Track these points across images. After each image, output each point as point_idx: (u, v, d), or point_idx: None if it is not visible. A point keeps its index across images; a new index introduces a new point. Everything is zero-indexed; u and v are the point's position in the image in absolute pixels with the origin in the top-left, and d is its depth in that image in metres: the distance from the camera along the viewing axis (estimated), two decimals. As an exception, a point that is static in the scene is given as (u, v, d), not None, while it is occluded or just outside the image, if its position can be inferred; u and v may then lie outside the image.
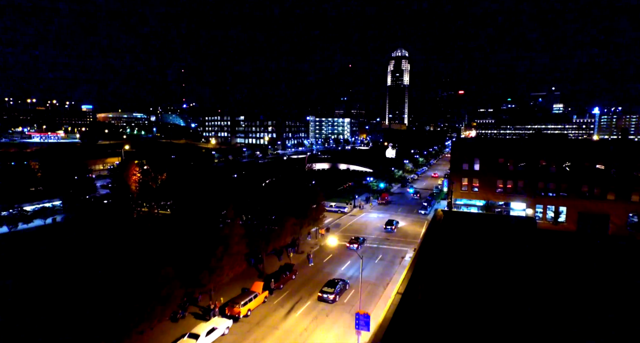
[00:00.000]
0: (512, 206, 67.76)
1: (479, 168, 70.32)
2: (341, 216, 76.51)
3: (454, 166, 73.32)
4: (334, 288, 39.44)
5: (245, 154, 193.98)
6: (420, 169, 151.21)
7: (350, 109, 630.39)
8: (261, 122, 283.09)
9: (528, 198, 66.12)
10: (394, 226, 66.21)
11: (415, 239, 60.87)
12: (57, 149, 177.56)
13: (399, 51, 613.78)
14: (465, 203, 71.51)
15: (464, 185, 71.97)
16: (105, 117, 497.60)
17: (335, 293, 39.01)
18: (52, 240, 56.83)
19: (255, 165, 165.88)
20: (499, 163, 68.50)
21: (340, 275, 46.45)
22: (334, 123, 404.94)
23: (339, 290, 39.92)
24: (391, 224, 66.60)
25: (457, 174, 72.35)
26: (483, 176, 69.89)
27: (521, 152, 67.09)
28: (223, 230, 34.41)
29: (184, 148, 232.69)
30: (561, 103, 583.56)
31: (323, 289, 39.71)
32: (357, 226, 69.12)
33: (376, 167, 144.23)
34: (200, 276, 31.99)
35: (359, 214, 79.05)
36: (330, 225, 68.87)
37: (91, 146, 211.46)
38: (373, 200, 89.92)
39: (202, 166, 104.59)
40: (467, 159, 71.38)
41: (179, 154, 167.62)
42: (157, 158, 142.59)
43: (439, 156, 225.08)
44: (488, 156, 69.60)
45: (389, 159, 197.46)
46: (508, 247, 36.16)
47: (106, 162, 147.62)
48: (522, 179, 66.63)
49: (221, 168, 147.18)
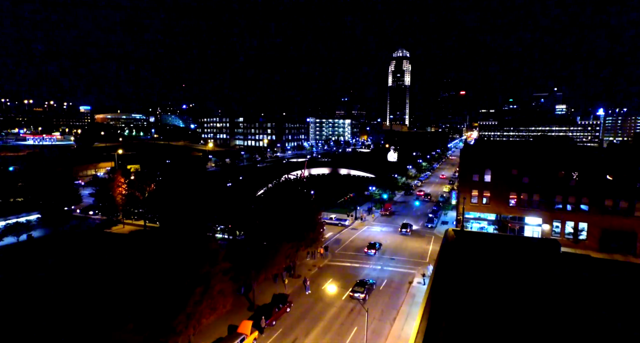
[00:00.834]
0: (526, 221, 62.55)
1: (491, 179, 65.12)
2: (342, 230, 71.35)
3: (463, 176, 68.14)
4: (364, 288, 43.27)
5: (243, 158, 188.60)
6: (423, 174, 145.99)
7: (351, 110, 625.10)
8: (260, 124, 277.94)
9: (544, 213, 60.91)
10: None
11: (422, 259, 55.70)
12: (48, 153, 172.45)
13: (400, 51, 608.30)
14: (476, 216, 66.33)
15: (473, 197, 66.78)
16: (103, 118, 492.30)
17: (365, 293, 42.72)
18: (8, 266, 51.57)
19: (253, 169, 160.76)
20: (512, 174, 63.31)
21: (341, 307, 41.34)
22: (335, 124, 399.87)
23: (368, 290, 43.69)
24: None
25: (466, 185, 67.16)
26: (495, 188, 64.71)
27: (536, 162, 61.86)
28: (204, 265, 29.18)
29: (181, 151, 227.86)
30: (564, 104, 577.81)
31: (354, 289, 43.61)
32: (358, 242, 63.91)
33: (378, 172, 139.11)
34: (174, 324, 26.81)
35: (360, 227, 73.89)
36: (330, 242, 63.74)
37: (85, 149, 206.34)
38: (376, 211, 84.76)
39: (195, 174, 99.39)
40: (478, 169, 66.19)
41: (175, 158, 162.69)
42: (151, 163, 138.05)
43: (441, 159, 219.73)
44: (500, 167, 64.40)
45: (390, 163, 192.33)
46: (532, 274, 31.26)
47: (99, 167, 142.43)
48: (537, 191, 61.38)
49: (217, 173, 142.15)
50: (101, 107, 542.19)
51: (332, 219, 75.30)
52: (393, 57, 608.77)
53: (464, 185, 67.62)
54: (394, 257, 56.56)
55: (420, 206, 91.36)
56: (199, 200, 60.87)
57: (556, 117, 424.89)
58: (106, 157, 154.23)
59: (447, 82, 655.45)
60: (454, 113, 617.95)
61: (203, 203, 60.32)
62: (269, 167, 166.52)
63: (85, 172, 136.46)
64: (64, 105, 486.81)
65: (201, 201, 60.61)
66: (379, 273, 50.74)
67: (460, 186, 68.88)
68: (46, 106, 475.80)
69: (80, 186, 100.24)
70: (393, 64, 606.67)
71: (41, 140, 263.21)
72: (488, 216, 65.60)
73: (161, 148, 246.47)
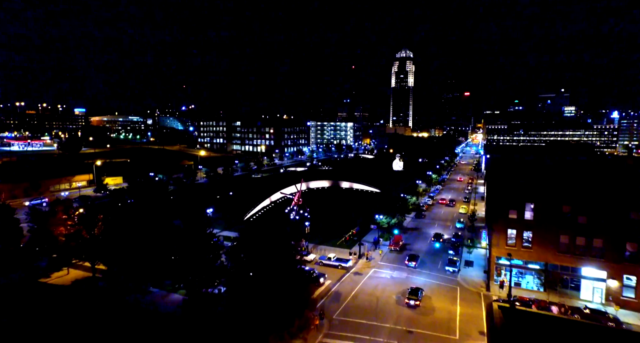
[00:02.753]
0: (583, 273, 48.11)
1: (533, 216, 50.74)
2: (343, 276, 57.08)
3: (495, 210, 53.72)
4: (417, 296, 46.67)
5: (238, 167, 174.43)
6: (433, 188, 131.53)
7: (353, 111, 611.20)
8: (258, 129, 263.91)
9: (609, 264, 46.48)
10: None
11: (449, 334, 41.26)
12: (21, 162, 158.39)
13: (404, 51, 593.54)
14: (514, 263, 51.89)
15: (510, 237, 52.42)
16: (99, 120, 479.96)
17: (419, 300, 46.15)
18: None
19: (247, 181, 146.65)
20: (563, 212, 48.91)
21: None
22: (336, 128, 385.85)
23: (421, 297, 46.98)
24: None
25: (500, 222, 52.79)
26: (539, 228, 50.30)
27: (597, 196, 47.45)
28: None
29: (173, 157, 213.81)
30: (572, 106, 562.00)
31: (409, 296, 46.92)
32: (363, 300, 49.50)
33: (383, 185, 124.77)
34: None
35: (365, 270, 59.59)
36: (327, 298, 49.52)
37: (69, 156, 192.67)
38: (383, 243, 70.52)
39: (161, 201, 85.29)
40: (515, 203, 51.83)
41: (162, 168, 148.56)
42: (136, 174, 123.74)
43: (450, 168, 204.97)
44: (545, 200, 50.04)
45: (396, 173, 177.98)
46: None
47: (74, 180, 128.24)
48: (600, 235, 46.99)
49: (205, 186, 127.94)
50: (97, 110, 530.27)
51: (331, 259, 61.05)
52: (396, 58, 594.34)
53: (496, 221, 53.24)
54: (411, 330, 42.15)
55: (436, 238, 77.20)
56: (152, 244, 46.87)
57: (566, 120, 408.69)
58: (85, 168, 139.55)
59: (450, 83, 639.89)
60: (458, 115, 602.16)
61: (156, 248, 46.32)
62: (265, 178, 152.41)
63: (57, 186, 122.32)
64: (58, 107, 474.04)
65: (154, 246, 46.60)
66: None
67: (491, 222, 54.44)
68: (40, 108, 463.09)
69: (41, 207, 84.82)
70: (396, 64, 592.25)
71: (26, 146, 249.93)
72: (531, 264, 51.20)
73: (154, 154, 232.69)
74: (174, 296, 49.29)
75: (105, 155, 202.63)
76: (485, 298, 50.17)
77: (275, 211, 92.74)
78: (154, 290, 50.25)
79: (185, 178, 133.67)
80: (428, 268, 60.16)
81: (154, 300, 48.11)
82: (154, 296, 49.01)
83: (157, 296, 49.32)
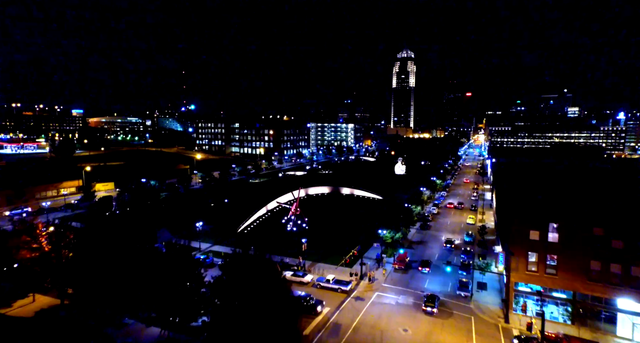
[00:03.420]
0: (619, 306, 41.98)
1: (559, 238, 44.69)
2: (342, 301, 51.09)
3: (512, 230, 47.59)
4: (434, 303, 47.17)
5: (235, 171, 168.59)
6: (438, 194, 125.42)
7: (354, 112, 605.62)
8: (257, 130, 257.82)
9: (649, 296, 40.45)
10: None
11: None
12: (9, 166, 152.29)
13: (405, 52, 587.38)
14: (536, 290, 45.83)
15: (531, 263, 46.35)
16: (97, 121, 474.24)
17: (435, 307, 46.70)
18: None
19: (244, 186, 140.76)
20: (593, 234, 42.86)
21: None
22: (337, 129, 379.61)
23: (438, 304, 47.42)
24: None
25: (518, 243, 46.72)
26: (565, 252, 44.24)
27: (634, 215, 41.36)
28: None
29: (169, 160, 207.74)
30: (575, 106, 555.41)
31: (425, 304, 47.21)
32: (366, 334, 43.39)
33: (385, 191, 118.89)
34: None
35: (367, 294, 53.58)
36: (325, 331, 43.51)
37: (61, 160, 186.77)
38: (387, 261, 64.53)
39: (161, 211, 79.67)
40: (535, 223, 45.78)
41: (156, 172, 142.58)
42: (129, 180, 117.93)
43: (454, 171, 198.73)
44: (573, 221, 43.98)
45: (398, 177, 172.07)
46: None
47: (62, 187, 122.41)
48: (637, 261, 40.93)
49: (199, 192, 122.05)
50: (96, 111, 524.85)
51: (330, 282, 55.03)
52: (397, 58, 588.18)
53: (514, 243, 47.11)
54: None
55: (444, 252, 71.21)
56: (129, 271, 40.93)
57: (570, 122, 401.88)
58: (76, 172, 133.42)
59: (452, 84, 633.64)
60: (460, 115, 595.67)
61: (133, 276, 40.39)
62: (263, 183, 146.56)
63: (44, 193, 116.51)
64: (55, 109, 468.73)
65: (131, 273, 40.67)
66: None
67: (507, 241, 48.28)
68: (38, 109, 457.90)
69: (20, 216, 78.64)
70: (397, 65, 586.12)
71: (19, 148, 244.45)
72: (557, 293, 45.12)
73: (150, 156, 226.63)
74: (152, 329, 43.38)
75: (100, 158, 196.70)
76: (504, 332, 44.15)
77: (271, 222, 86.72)
78: (130, 322, 44.42)
79: (180, 183, 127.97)
80: (438, 294, 53.95)
81: (129, 334, 42.24)
82: (129, 330, 43.13)
83: (132, 330, 43.39)
